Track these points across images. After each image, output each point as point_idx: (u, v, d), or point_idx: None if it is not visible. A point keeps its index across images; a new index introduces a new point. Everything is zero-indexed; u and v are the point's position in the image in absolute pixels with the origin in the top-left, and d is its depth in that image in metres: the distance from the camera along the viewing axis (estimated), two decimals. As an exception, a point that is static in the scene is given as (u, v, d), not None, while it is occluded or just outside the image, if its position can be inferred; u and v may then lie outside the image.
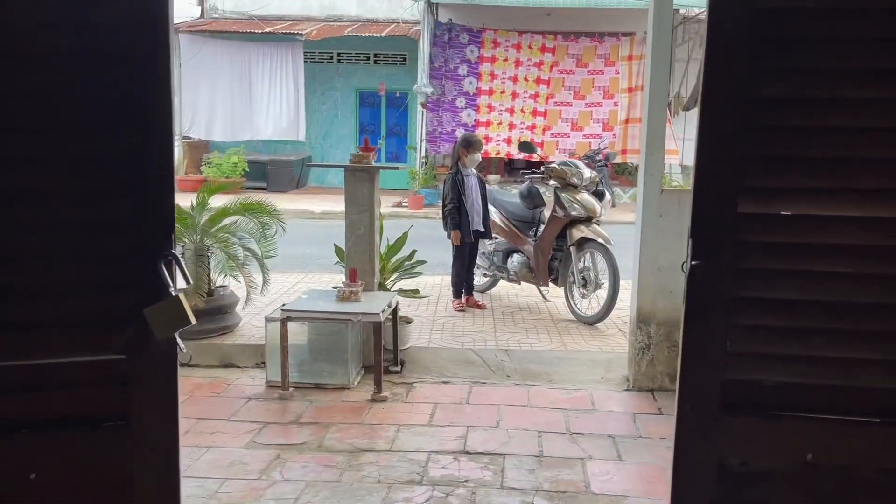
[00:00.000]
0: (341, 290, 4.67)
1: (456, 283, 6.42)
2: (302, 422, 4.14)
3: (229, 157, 16.96)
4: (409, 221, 14.23)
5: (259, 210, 5.54)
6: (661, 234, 4.51)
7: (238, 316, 5.62)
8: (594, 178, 6.23)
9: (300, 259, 9.34)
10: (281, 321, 4.49)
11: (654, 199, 4.49)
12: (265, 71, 17.40)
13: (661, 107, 4.48)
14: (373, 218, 4.95)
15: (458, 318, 6.07)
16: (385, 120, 19.09)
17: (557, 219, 6.10)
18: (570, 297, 6.11)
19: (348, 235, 4.98)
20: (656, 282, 4.56)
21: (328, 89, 18.95)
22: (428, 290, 7.07)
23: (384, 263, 5.32)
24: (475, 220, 6.25)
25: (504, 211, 6.62)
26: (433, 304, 6.56)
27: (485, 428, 4.03)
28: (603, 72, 15.78)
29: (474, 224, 6.25)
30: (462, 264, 6.36)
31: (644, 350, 4.63)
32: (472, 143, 6.29)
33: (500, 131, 15.82)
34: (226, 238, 5.48)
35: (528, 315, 6.25)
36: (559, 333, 5.68)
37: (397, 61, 18.62)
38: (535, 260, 6.30)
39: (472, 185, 6.24)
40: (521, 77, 15.91)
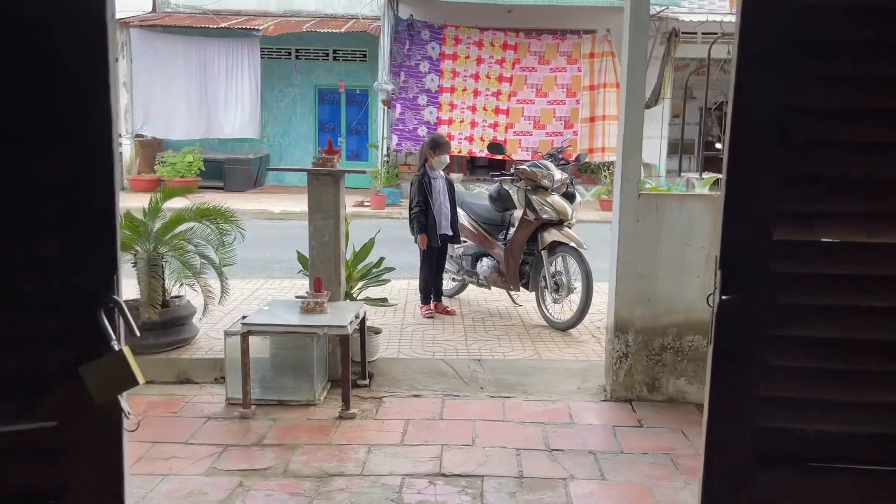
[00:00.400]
0: (306, 302, 4.42)
1: (424, 289, 6.20)
2: (265, 443, 3.89)
3: (184, 156, 16.47)
4: (372, 222, 14.06)
5: (216, 216, 5.25)
6: (638, 239, 4.36)
7: (195, 327, 5.32)
8: (564, 180, 6.07)
9: (260, 263, 9.03)
10: (241, 335, 4.23)
11: (631, 203, 4.34)
12: (221, 67, 16.93)
13: (639, 108, 4.33)
14: (338, 224, 4.71)
15: (428, 326, 5.86)
16: (345, 117, 18.76)
17: (528, 222, 5.92)
18: (541, 303, 5.95)
19: (312, 243, 4.73)
20: (634, 288, 4.41)
21: (286, 86, 18.54)
22: (396, 295, 6.85)
23: (350, 271, 5.08)
24: (443, 224, 6.04)
25: (473, 213, 6.43)
26: (401, 310, 6.34)
27: (460, 447, 3.83)
28: (565, 69, 15.70)
29: (442, 228, 6.04)
30: (430, 269, 6.15)
31: (622, 359, 4.47)
32: (439, 145, 6.08)
33: (462, 129, 15.63)
34: (181, 245, 5.18)
35: (499, 321, 6.06)
36: (532, 340, 5.51)
37: (357, 58, 18.30)
38: (505, 264, 6.12)
39: (439, 187, 6.03)
40: (483, 74, 15.75)
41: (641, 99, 4.30)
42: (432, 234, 5.98)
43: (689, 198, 4.41)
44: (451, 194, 6.10)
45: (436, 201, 5.98)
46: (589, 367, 4.91)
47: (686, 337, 4.44)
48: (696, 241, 4.36)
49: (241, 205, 14.77)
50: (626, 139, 4.31)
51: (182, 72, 16.80)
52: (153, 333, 4.94)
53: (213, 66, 16.92)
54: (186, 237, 5.25)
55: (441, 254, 6.20)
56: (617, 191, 4.39)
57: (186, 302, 5.30)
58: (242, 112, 17.16)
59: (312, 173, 4.68)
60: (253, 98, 17.10)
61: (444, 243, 6.17)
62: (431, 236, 5.98)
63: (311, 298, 4.42)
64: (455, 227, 6.13)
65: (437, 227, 6.00)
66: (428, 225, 5.97)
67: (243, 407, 4.25)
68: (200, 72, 16.88)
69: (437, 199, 5.99)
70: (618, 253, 4.38)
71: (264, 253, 9.75)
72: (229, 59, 16.96)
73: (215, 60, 16.89)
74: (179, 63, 16.75)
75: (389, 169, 15.77)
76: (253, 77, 17.07)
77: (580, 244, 5.66)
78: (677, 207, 4.36)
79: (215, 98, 17.00)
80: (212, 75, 16.92)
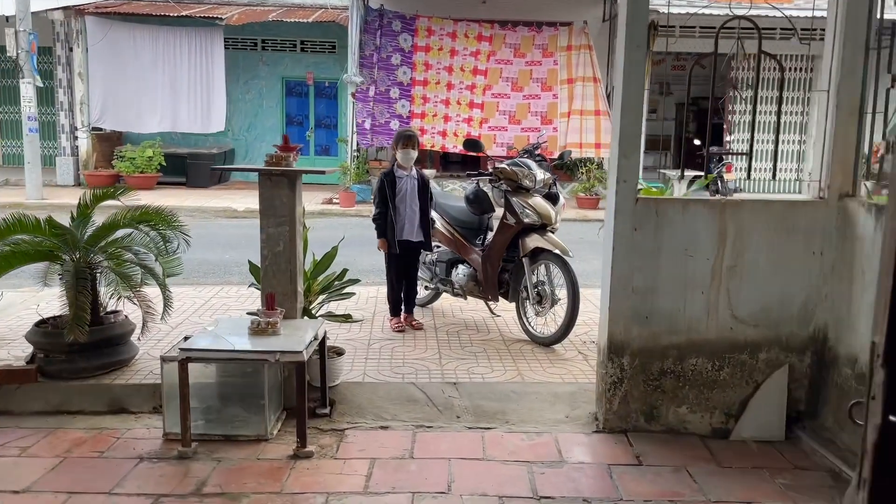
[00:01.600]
0: (256, 322, 3.84)
1: (392, 301, 5.64)
2: (206, 492, 3.31)
3: (143, 151, 15.72)
4: (341, 220, 13.46)
5: (156, 220, 4.64)
6: (635, 250, 3.85)
7: (134, 347, 4.71)
8: (547, 180, 5.54)
9: (218, 266, 8.41)
10: (180, 363, 3.64)
11: (627, 209, 3.82)
12: (182, 58, 16.18)
13: (638, 100, 3.80)
14: (294, 231, 4.13)
15: (397, 341, 5.30)
16: (314, 111, 18.11)
17: (508, 226, 5.39)
18: (522, 315, 5.42)
19: (265, 253, 4.15)
20: (631, 305, 3.89)
21: (252, 78, 17.85)
22: (363, 304, 6.29)
23: (309, 283, 4.50)
24: (406, 229, 5.45)
25: (447, 216, 5.87)
26: (369, 322, 5.77)
27: (434, 495, 3.28)
28: (541, 62, 15.20)
29: (405, 233, 5.46)
30: (397, 278, 5.59)
31: (616, 385, 3.96)
32: (401, 138, 5.48)
33: (435, 123, 15.06)
34: (118, 254, 4.57)
35: (475, 335, 5.52)
36: (513, 358, 4.98)
37: (326, 49, 17.66)
38: (482, 272, 5.58)
39: (406, 187, 5.45)
40: (457, 67, 15.20)
41: (641, 90, 3.77)
42: (392, 241, 5.44)
43: (694, 203, 3.90)
44: (423, 195, 5.52)
45: (400, 203, 5.42)
46: (577, 390, 4.39)
47: (688, 360, 3.94)
48: (701, 251, 3.85)
49: (203, 202, 14.09)
50: (624, 135, 3.78)
51: (141, 62, 16.02)
52: (83, 356, 4.32)
53: (174, 57, 16.16)
54: (124, 244, 4.64)
55: (410, 261, 5.63)
56: (611, 194, 3.86)
57: (124, 318, 4.68)
58: (206, 105, 16.42)
59: (264, 173, 4.09)
60: (217, 90, 16.36)
61: (413, 250, 5.58)
62: (391, 243, 5.44)
63: (263, 318, 3.85)
64: (427, 233, 5.56)
65: (400, 232, 5.44)
66: (387, 229, 5.42)
67: (182, 445, 3.67)
68: (161, 62, 16.12)
69: (404, 200, 5.43)
70: (612, 265, 3.86)
71: (224, 255, 9.13)
72: (191, 50, 16.21)
73: (176, 50, 16.13)
74: (138, 53, 15.98)
75: (359, 164, 15.17)
76: (217, 68, 16.34)
77: (565, 251, 5.14)
78: (679, 213, 3.85)
79: (177, 90, 16.24)
80: (173, 66, 16.16)
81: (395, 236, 5.44)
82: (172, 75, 16.15)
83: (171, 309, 4.70)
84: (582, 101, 14.96)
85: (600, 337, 4.04)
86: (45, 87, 17.05)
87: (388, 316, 5.68)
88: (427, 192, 5.54)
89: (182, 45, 16.12)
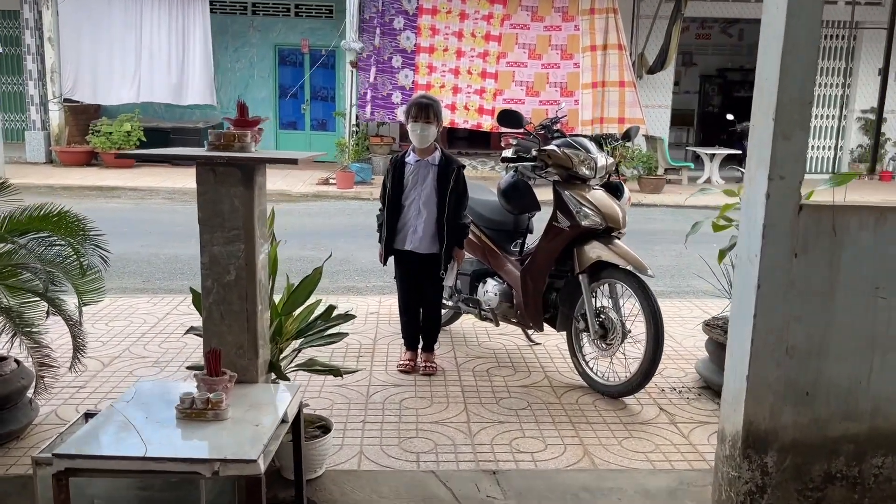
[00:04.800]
0: (189, 400, 2.41)
1: (403, 330, 4.21)
2: None
3: (121, 124, 14.19)
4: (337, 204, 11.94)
5: (58, 227, 3.19)
6: (794, 288, 2.40)
7: (28, 411, 3.27)
8: (609, 167, 4.08)
9: (189, 265, 6.97)
10: (55, 478, 2.21)
11: (784, 222, 2.37)
12: (163, 22, 14.61)
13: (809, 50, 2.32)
14: (253, 250, 2.68)
15: (407, 390, 3.86)
16: (309, 81, 16.54)
17: (558, 230, 3.93)
18: (577, 351, 3.98)
19: (208, 285, 2.70)
20: (782, 375, 2.45)
21: (242, 45, 16.29)
22: (360, 321, 4.87)
23: (279, 323, 3.05)
24: (407, 235, 3.98)
25: (472, 214, 4.37)
26: (368, 354, 4.35)
27: None
28: (560, 27, 13.62)
29: (406, 240, 3.98)
30: (404, 303, 4.14)
31: (754, 495, 2.53)
32: (410, 109, 3.97)
33: (442, 96, 13.46)
34: (9, 272, 3.14)
35: (512, 377, 4.08)
36: (569, 418, 3.55)
37: (323, 13, 16.08)
38: (520, 291, 4.13)
39: (416, 178, 3.96)
40: (468, 32, 13.62)
41: (815, 29, 2.29)
42: (387, 249, 4.03)
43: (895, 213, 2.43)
44: (443, 187, 3.98)
45: (407, 197, 3.97)
46: (678, 486, 2.96)
47: (872, 458, 2.52)
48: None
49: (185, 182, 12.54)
50: (783, 103, 2.32)
51: (117, 26, 14.44)
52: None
53: (154, 21, 14.58)
54: (19, 259, 3.20)
55: (423, 280, 4.10)
56: (755, 195, 2.41)
57: (14, 369, 3.25)
58: (190, 74, 14.87)
59: (204, 163, 2.63)
60: (201, 58, 14.80)
61: (425, 265, 4.05)
62: (386, 251, 4.03)
63: (199, 394, 2.42)
64: (444, 243, 3.99)
65: (399, 238, 3.99)
66: (392, 233, 3.99)
67: None
68: (139, 26, 14.54)
69: (408, 195, 3.98)
70: (754, 310, 2.42)
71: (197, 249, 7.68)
72: (174, 13, 14.63)
73: (155, 13, 14.55)
74: (114, 15, 14.39)
75: (359, 141, 13.67)
76: (202, 34, 14.77)
77: (641, 267, 3.69)
78: (870, 230, 2.40)
79: (157, 57, 14.68)
80: (152, 31, 14.59)
81: (395, 244, 3.99)
82: (152, 41, 14.58)
83: (83, 352, 3.26)
84: (605, 70, 13.41)
85: (727, 419, 2.61)
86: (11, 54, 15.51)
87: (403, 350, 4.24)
88: (451, 185, 3.98)
89: (162, 8, 14.54)
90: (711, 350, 3.93)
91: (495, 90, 13.53)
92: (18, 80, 15.40)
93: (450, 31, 13.62)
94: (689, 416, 3.60)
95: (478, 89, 13.55)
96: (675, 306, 5.61)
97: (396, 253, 4.02)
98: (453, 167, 3.99)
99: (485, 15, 13.59)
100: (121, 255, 7.17)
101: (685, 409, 3.68)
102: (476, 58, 13.57)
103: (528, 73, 13.55)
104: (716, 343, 3.83)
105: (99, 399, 3.61)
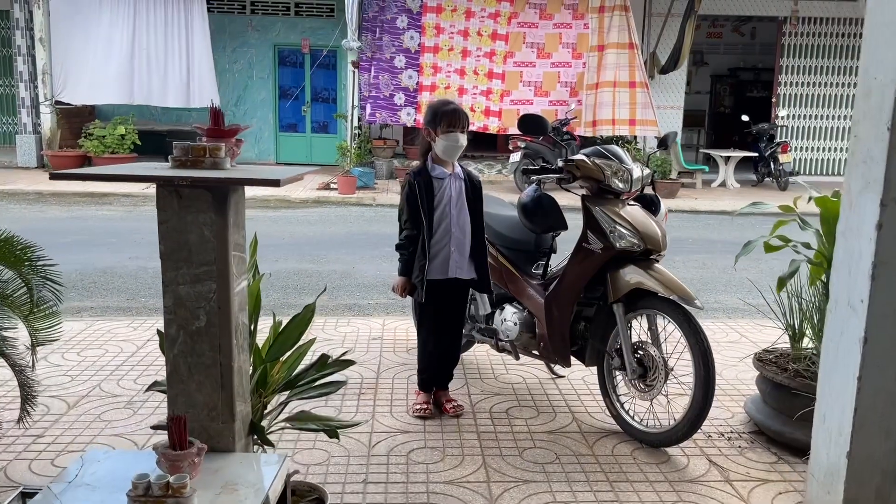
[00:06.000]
0: (143, 485, 1.90)
1: (423, 369, 3.66)
2: None
3: (115, 128, 13.70)
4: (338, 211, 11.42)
5: (9, 256, 2.69)
6: (910, 341, 1.89)
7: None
8: (645, 180, 3.57)
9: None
10: None
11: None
12: (159, 21, 14.11)
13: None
14: (228, 289, 2.18)
15: (415, 438, 3.35)
16: (310, 82, 16.04)
17: (589, 252, 3.42)
18: (610, 391, 3.47)
19: (172, 333, 2.20)
20: (893, 449, 1.94)
21: (240, 45, 15.79)
22: (361, 349, 4.36)
23: (263, 370, 2.55)
24: (451, 261, 3.43)
25: (488, 231, 3.84)
26: (370, 390, 3.84)
27: None
28: (571, 25, 13.13)
29: (450, 268, 3.44)
30: (435, 339, 3.58)
31: None
32: (444, 115, 3.38)
33: (448, 97, 12.95)
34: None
35: (535, 420, 3.57)
36: (605, 475, 3.04)
37: (323, 12, 15.58)
38: (544, 320, 3.61)
39: (449, 194, 3.42)
40: (474, 31, 13.12)
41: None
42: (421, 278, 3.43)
43: None
44: (475, 203, 3.50)
45: (441, 219, 3.44)
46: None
47: None
48: None
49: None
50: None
51: (111, 26, 13.93)
52: None
53: (149, 20, 14.08)
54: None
55: (456, 310, 3.61)
56: (860, 225, 1.90)
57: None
58: (187, 75, 14.36)
59: (164, 185, 2.12)
60: (199, 59, 14.30)
61: (459, 293, 3.58)
62: (419, 280, 3.44)
63: (156, 478, 1.91)
64: (484, 264, 3.55)
65: (439, 267, 3.44)
66: (415, 261, 3.44)
67: None
68: (134, 26, 14.03)
69: (445, 214, 3.44)
70: (859, 370, 1.91)
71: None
72: (170, 12, 14.14)
73: (152, 13, 14.05)
74: (107, 15, 13.88)
75: (361, 144, 13.17)
76: (199, 34, 14.27)
77: (688, 297, 3.17)
78: None
79: (153, 58, 14.18)
80: (148, 31, 14.08)
81: (428, 274, 3.42)
82: (148, 41, 14.08)
83: (33, 404, 2.76)
84: (615, 70, 12.89)
85: (817, 500, 2.09)
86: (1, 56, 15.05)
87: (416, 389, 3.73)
88: (479, 200, 3.53)
89: (158, 7, 14.05)
90: (765, 390, 3.41)
91: (502, 91, 13.03)
92: (9, 83, 14.94)
93: (455, 29, 13.13)
94: (744, 472, 3.09)
95: (484, 90, 13.05)
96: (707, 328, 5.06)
97: (432, 284, 3.46)
98: (476, 180, 3.53)
99: (491, 13, 13.09)
100: (106, 269, 6.68)
101: (739, 463, 3.17)
102: (482, 57, 13.08)
103: (537, 72, 13.04)
104: (771, 383, 3.32)
105: (57, 452, 3.10)
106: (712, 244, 8.97)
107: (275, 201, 11.42)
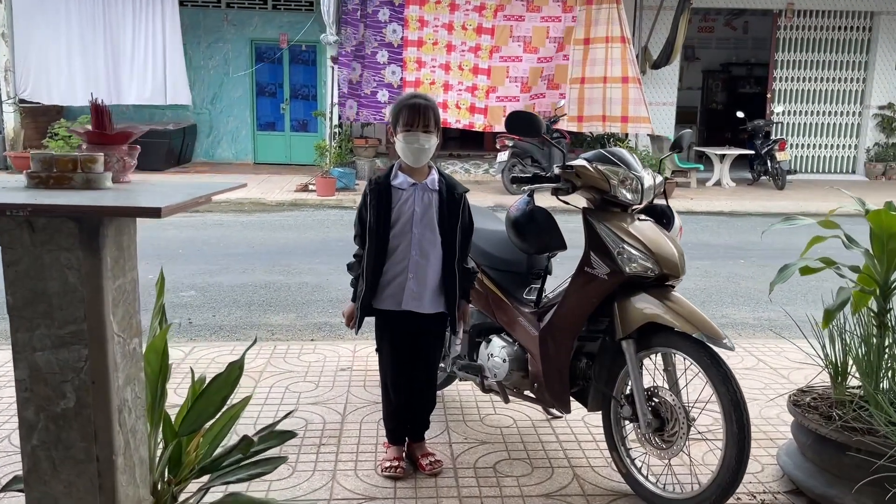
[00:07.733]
0: None
1: (386, 416, 3.08)
2: None
3: (81, 127, 12.97)
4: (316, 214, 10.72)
5: None
6: None
7: None
8: (658, 187, 2.98)
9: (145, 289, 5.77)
10: None
11: None
12: (127, 15, 13.48)
13: None
14: (106, 355, 1.57)
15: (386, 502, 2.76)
16: (288, 79, 15.41)
17: (592, 278, 2.83)
18: (618, 444, 2.88)
19: (27, 416, 1.60)
20: None
21: (215, 41, 15.14)
22: (326, 381, 3.75)
23: (176, 446, 1.94)
24: (405, 292, 2.83)
25: (473, 250, 3.25)
26: (333, 434, 3.24)
27: None
28: (560, 18, 12.54)
29: (405, 298, 2.83)
30: (392, 379, 2.98)
31: None
32: (400, 111, 2.79)
33: (433, 93, 12.34)
34: None
35: (529, 481, 2.98)
36: (616, 557, 2.46)
37: (302, 6, 14.95)
38: (539, 357, 3.02)
39: (411, 208, 2.82)
40: (459, 25, 12.51)
41: None
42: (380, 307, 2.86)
43: None
44: (450, 222, 2.87)
45: (402, 236, 2.83)
46: None
47: None
48: None
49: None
50: None
51: (78, 20, 13.28)
52: None
53: (118, 14, 13.42)
54: None
55: (420, 349, 2.99)
56: None
57: None
58: (159, 72, 13.71)
59: (10, 214, 1.51)
60: (171, 54, 13.65)
61: (424, 330, 2.96)
62: (362, 310, 2.85)
63: None
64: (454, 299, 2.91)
65: (387, 296, 2.85)
66: (365, 287, 2.84)
67: None
68: (104, 20, 13.37)
69: (405, 231, 2.83)
70: None
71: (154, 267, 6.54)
72: (140, 5, 13.47)
73: (121, 6, 13.38)
74: (74, 9, 13.20)
75: (341, 143, 12.55)
76: (171, 29, 13.64)
77: (715, 334, 2.59)
78: None
79: (122, 54, 13.54)
80: (117, 25, 13.43)
81: (379, 303, 2.85)
82: (115, 36, 13.42)
83: None
84: (606, 66, 12.31)
85: None
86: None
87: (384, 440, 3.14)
88: (460, 218, 2.91)
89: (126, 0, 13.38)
90: (805, 442, 2.84)
91: (488, 87, 12.44)
92: (-30, 80, 14.19)
93: (439, 23, 12.52)
94: (786, 549, 2.51)
95: (470, 86, 12.45)
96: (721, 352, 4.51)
97: (383, 315, 2.88)
98: (459, 193, 2.89)
99: (476, 6, 12.49)
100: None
101: (778, 536, 2.59)
102: (468, 52, 12.48)
103: (523, 67, 12.46)
104: (814, 435, 2.74)
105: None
106: (713, 249, 8.44)
107: (249, 204, 10.80)
